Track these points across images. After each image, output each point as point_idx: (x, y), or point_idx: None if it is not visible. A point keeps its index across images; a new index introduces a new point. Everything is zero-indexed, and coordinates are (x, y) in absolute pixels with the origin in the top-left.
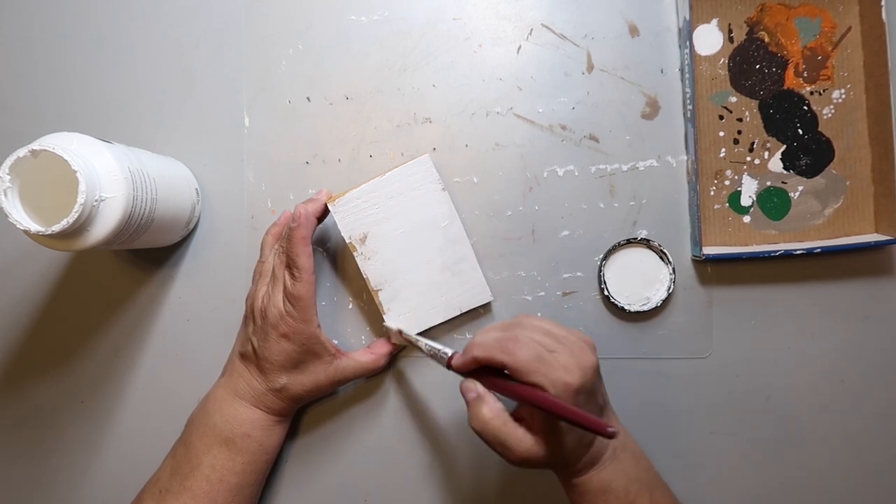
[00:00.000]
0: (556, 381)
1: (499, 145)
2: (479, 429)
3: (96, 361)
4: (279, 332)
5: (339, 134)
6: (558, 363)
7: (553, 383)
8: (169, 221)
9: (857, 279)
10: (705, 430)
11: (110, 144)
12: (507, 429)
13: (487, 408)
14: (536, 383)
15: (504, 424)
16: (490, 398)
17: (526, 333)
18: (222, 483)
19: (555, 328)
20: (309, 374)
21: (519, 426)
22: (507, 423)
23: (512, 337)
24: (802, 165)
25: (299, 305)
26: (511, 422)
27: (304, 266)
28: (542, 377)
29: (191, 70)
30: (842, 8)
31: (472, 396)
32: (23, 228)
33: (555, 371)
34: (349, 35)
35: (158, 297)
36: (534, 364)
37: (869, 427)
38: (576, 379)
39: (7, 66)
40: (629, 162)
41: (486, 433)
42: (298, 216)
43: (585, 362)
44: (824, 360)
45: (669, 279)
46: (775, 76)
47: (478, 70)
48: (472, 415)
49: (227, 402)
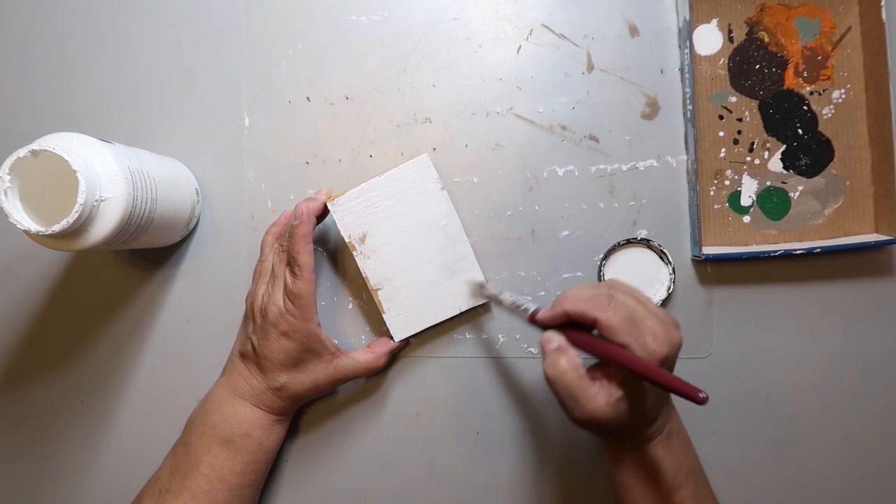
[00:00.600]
0: (646, 346)
1: (499, 145)
2: (554, 377)
3: (96, 361)
4: (279, 331)
5: (339, 134)
6: (649, 330)
7: (642, 347)
8: (169, 221)
9: (857, 279)
10: (705, 430)
11: (110, 144)
12: (583, 383)
13: (566, 359)
14: (625, 344)
15: (581, 378)
16: (571, 351)
17: (621, 296)
18: (222, 483)
19: (645, 299)
20: (309, 373)
21: (594, 383)
22: (583, 378)
23: (607, 294)
24: (802, 165)
25: (299, 303)
26: (587, 377)
27: (304, 264)
28: (633, 339)
29: (191, 70)
30: (842, 8)
31: (552, 346)
32: (23, 228)
33: (645, 336)
34: (349, 35)
35: (158, 297)
36: (626, 325)
37: (869, 427)
38: (664, 349)
39: (7, 66)
40: (629, 162)
41: (561, 383)
42: (300, 213)
43: (673, 336)
44: (824, 360)
45: (669, 279)
46: (775, 76)
47: (478, 70)
48: (550, 362)
49: (227, 401)
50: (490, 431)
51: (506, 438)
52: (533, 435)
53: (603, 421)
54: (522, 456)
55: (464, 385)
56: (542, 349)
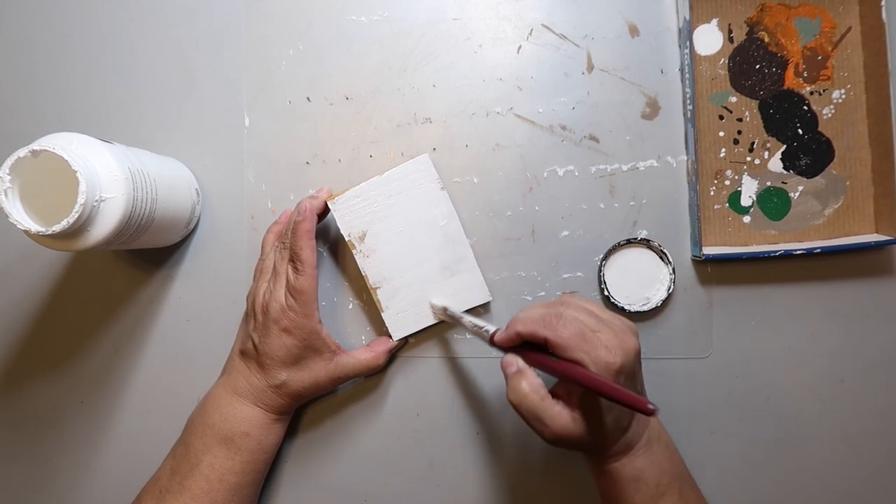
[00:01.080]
0: (598, 359)
1: (499, 145)
2: (516, 402)
3: (96, 361)
4: (280, 327)
5: (339, 134)
6: (601, 342)
7: (595, 361)
8: (169, 221)
9: (857, 279)
10: (705, 430)
11: (110, 144)
12: (545, 404)
13: (527, 382)
14: (578, 360)
15: (542, 399)
16: (530, 373)
17: (570, 312)
18: (221, 482)
19: (598, 310)
20: (309, 371)
21: (557, 403)
22: (545, 399)
23: (556, 313)
24: (802, 165)
25: (301, 299)
26: (549, 398)
27: (307, 259)
28: (585, 354)
29: (191, 70)
30: (842, 8)
31: (512, 370)
32: (23, 228)
33: (597, 349)
34: (349, 35)
35: (158, 297)
36: (576, 341)
37: (869, 427)
38: (617, 359)
39: (7, 66)
40: (629, 162)
41: (524, 407)
42: (303, 209)
43: (628, 344)
44: (824, 360)
45: (669, 279)
46: (775, 76)
47: (478, 70)
48: (511, 388)
49: (226, 400)
50: (490, 431)
51: (506, 438)
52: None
53: (571, 438)
54: (522, 456)
55: (464, 385)
56: (503, 373)
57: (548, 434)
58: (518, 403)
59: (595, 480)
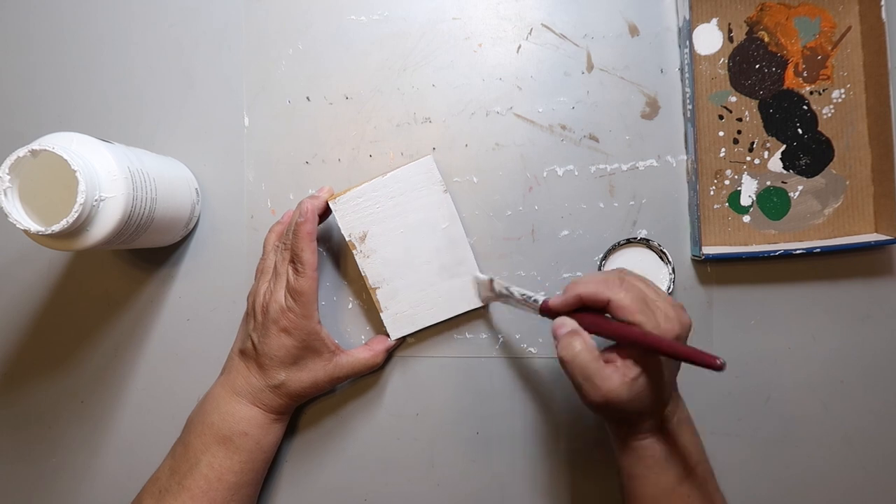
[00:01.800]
0: (658, 325)
1: (499, 145)
2: (568, 359)
3: (96, 361)
4: (280, 327)
5: (339, 134)
6: (660, 310)
7: (655, 326)
8: (169, 221)
9: (857, 279)
10: (705, 430)
11: (110, 144)
12: (598, 364)
13: (580, 340)
14: (638, 323)
15: (595, 359)
16: (585, 334)
17: (630, 279)
18: (220, 482)
19: (654, 285)
20: (308, 371)
21: (609, 364)
22: (597, 359)
23: (616, 278)
24: (802, 165)
25: (301, 300)
26: (601, 359)
27: (307, 261)
28: (645, 318)
29: (191, 70)
30: (841, 7)
31: (565, 330)
32: (23, 228)
33: (656, 316)
34: (349, 35)
35: (158, 297)
36: (638, 304)
37: (869, 427)
38: (675, 328)
39: (7, 66)
40: (629, 162)
41: (576, 365)
42: (305, 211)
43: (685, 318)
44: (824, 360)
45: (669, 279)
46: (775, 76)
47: (478, 70)
48: (564, 345)
49: (225, 400)
50: (490, 431)
51: (505, 438)
52: (533, 434)
53: (619, 402)
54: (522, 455)
55: (464, 385)
56: (554, 334)
57: (596, 395)
58: (570, 361)
59: (618, 456)
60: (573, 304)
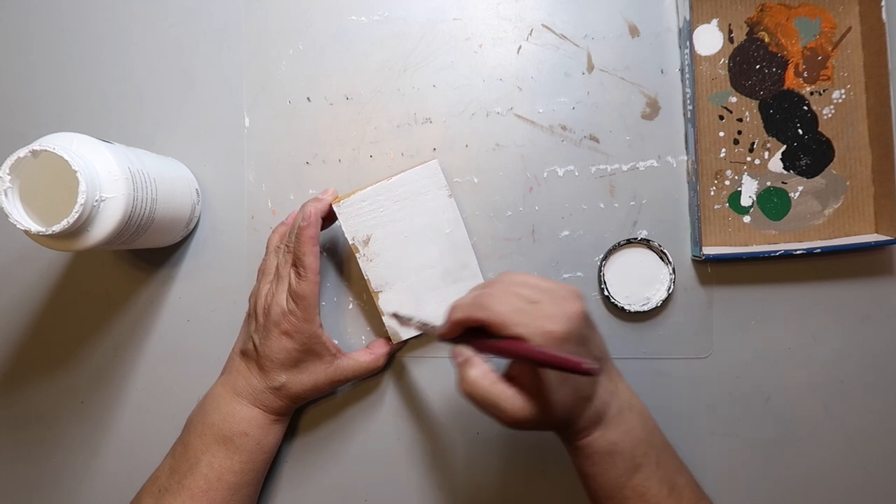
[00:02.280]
0: (538, 330)
1: (499, 145)
2: (468, 391)
3: (96, 361)
4: (281, 330)
5: (339, 134)
6: (540, 313)
7: (535, 333)
8: (169, 221)
9: (857, 279)
10: (705, 431)
11: (110, 144)
12: (497, 389)
13: (476, 370)
14: (518, 335)
15: (493, 384)
16: (478, 360)
17: (504, 288)
18: (220, 482)
19: (539, 281)
20: (309, 374)
21: (510, 386)
22: (496, 384)
23: (488, 293)
24: (802, 165)
25: (302, 304)
26: (501, 382)
27: (309, 265)
28: (524, 328)
29: (191, 70)
30: (842, 8)
31: (460, 360)
32: (23, 228)
33: (536, 321)
34: (349, 35)
35: (158, 297)
36: (513, 316)
37: (869, 427)
38: (559, 326)
39: (7, 67)
40: (629, 162)
41: (476, 395)
42: (308, 215)
43: (570, 310)
44: (824, 360)
45: (669, 279)
46: (775, 76)
47: (478, 70)
48: (461, 378)
49: (226, 400)
50: (490, 431)
51: (506, 438)
52: (533, 435)
53: (531, 418)
54: (522, 456)
55: None
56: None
57: (506, 419)
58: (470, 392)
59: (571, 459)
60: (456, 329)
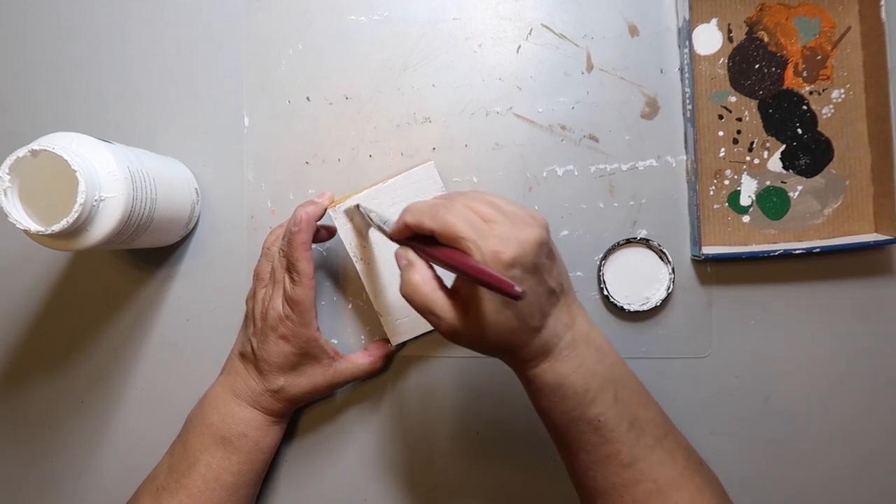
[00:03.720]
0: (486, 248)
1: (498, 145)
2: (407, 294)
3: (96, 361)
4: (278, 334)
5: (339, 134)
6: (493, 233)
7: (482, 252)
8: (168, 221)
9: (857, 279)
10: (705, 430)
11: (110, 144)
12: (436, 295)
13: (418, 274)
14: (464, 249)
15: (433, 291)
16: (421, 264)
17: (464, 201)
18: (218, 482)
19: (503, 202)
20: (307, 377)
21: (449, 297)
22: (435, 290)
23: (445, 204)
24: (802, 165)
25: (298, 309)
26: (440, 290)
27: (303, 270)
28: (471, 244)
29: (190, 69)
30: (841, 7)
31: (403, 264)
32: (23, 228)
33: (486, 240)
34: (349, 35)
35: (158, 297)
36: (463, 230)
37: (869, 427)
38: (509, 249)
39: (6, 66)
40: (629, 162)
41: (415, 299)
42: (299, 220)
43: (525, 234)
44: (824, 360)
45: (669, 279)
46: (775, 76)
47: (477, 70)
48: (403, 281)
49: (225, 401)
50: (490, 431)
51: (506, 438)
52: (533, 434)
53: (465, 335)
54: (523, 455)
55: (464, 385)
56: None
57: (443, 327)
58: (409, 295)
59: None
60: (406, 232)
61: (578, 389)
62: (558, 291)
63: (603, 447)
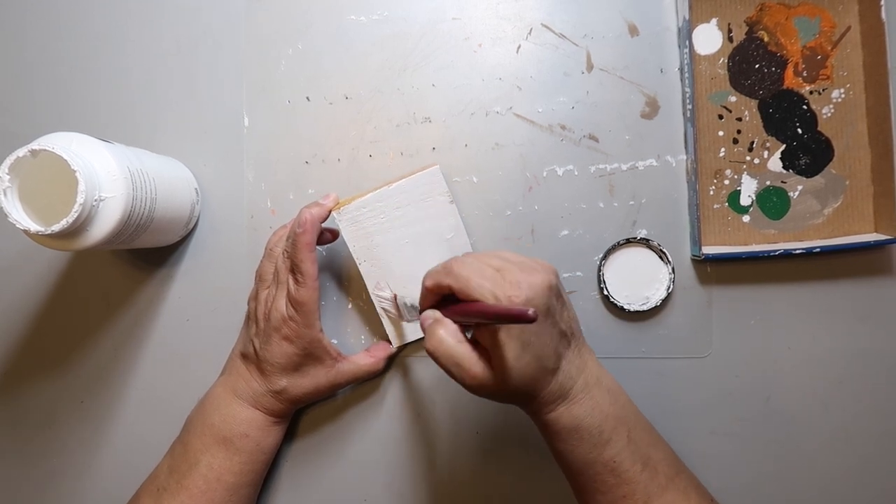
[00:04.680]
0: (501, 295)
1: (498, 145)
2: (432, 349)
3: (96, 361)
4: (281, 335)
5: (339, 134)
6: (505, 280)
7: (497, 298)
8: (168, 221)
9: (857, 279)
10: (705, 431)
11: (110, 144)
12: (461, 348)
13: (443, 329)
14: (479, 298)
15: (458, 343)
16: (446, 321)
17: (475, 257)
18: (219, 482)
19: (510, 255)
20: (309, 378)
21: (473, 349)
22: (461, 343)
23: (458, 260)
24: (802, 165)
25: (302, 310)
26: (466, 343)
27: (308, 272)
28: (486, 292)
29: (191, 70)
30: (841, 7)
31: (428, 323)
32: (23, 228)
33: (500, 287)
34: (349, 35)
35: (158, 297)
36: (476, 280)
37: (869, 427)
38: (522, 293)
39: (6, 66)
40: (629, 161)
41: (440, 353)
42: (304, 221)
43: (536, 279)
44: (824, 360)
45: (669, 279)
46: (775, 75)
47: (477, 70)
48: (428, 335)
49: (226, 401)
50: (490, 431)
51: (506, 438)
52: (533, 434)
53: (491, 385)
54: (523, 456)
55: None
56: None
57: (469, 379)
58: (434, 350)
59: (543, 437)
60: (431, 299)
61: (594, 431)
62: (569, 335)
63: (619, 488)
